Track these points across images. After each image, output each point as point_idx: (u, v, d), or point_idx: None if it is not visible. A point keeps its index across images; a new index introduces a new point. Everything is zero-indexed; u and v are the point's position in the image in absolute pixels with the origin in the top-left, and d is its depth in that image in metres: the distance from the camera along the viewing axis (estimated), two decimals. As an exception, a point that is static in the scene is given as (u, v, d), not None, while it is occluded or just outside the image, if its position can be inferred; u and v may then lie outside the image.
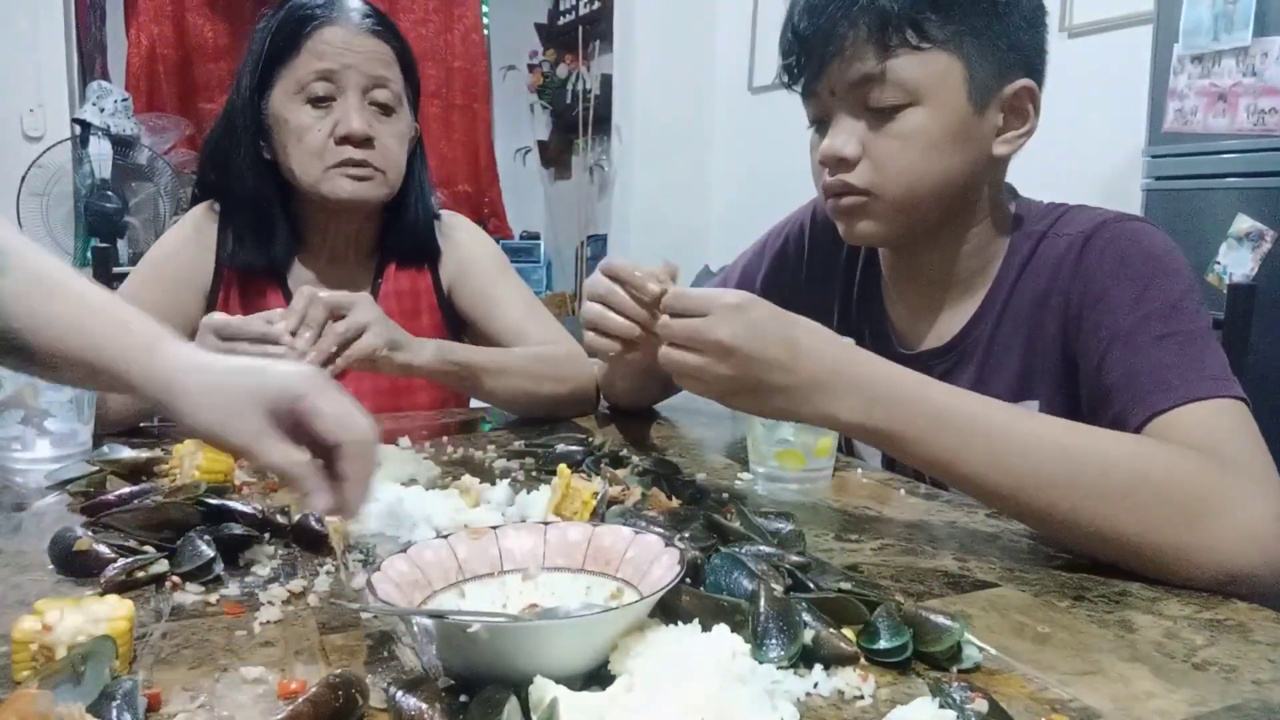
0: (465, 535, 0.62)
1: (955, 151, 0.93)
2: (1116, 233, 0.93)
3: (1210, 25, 2.03)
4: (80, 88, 3.99)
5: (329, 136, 1.25)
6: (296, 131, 1.26)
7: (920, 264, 1.04)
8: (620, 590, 0.59)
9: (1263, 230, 1.95)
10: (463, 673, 0.51)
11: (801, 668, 0.54)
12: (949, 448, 0.75)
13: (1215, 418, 0.79)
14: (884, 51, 0.90)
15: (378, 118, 1.28)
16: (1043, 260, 0.97)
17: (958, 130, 0.92)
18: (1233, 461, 0.74)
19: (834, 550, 0.77)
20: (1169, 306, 0.86)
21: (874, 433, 0.77)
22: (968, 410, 0.76)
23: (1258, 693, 0.53)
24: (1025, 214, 1.02)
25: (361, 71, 1.25)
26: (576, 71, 5.18)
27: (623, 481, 0.89)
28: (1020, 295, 0.98)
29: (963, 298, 1.03)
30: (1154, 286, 0.87)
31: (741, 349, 0.75)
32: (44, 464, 0.96)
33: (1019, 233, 1.01)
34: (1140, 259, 0.90)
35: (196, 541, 0.70)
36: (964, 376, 1.01)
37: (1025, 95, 0.95)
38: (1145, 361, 0.84)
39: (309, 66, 1.25)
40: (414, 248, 1.40)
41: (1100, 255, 0.92)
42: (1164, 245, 0.91)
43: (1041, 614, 0.64)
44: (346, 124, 1.24)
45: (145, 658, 0.55)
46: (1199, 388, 0.80)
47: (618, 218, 4.71)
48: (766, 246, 1.24)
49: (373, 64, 1.26)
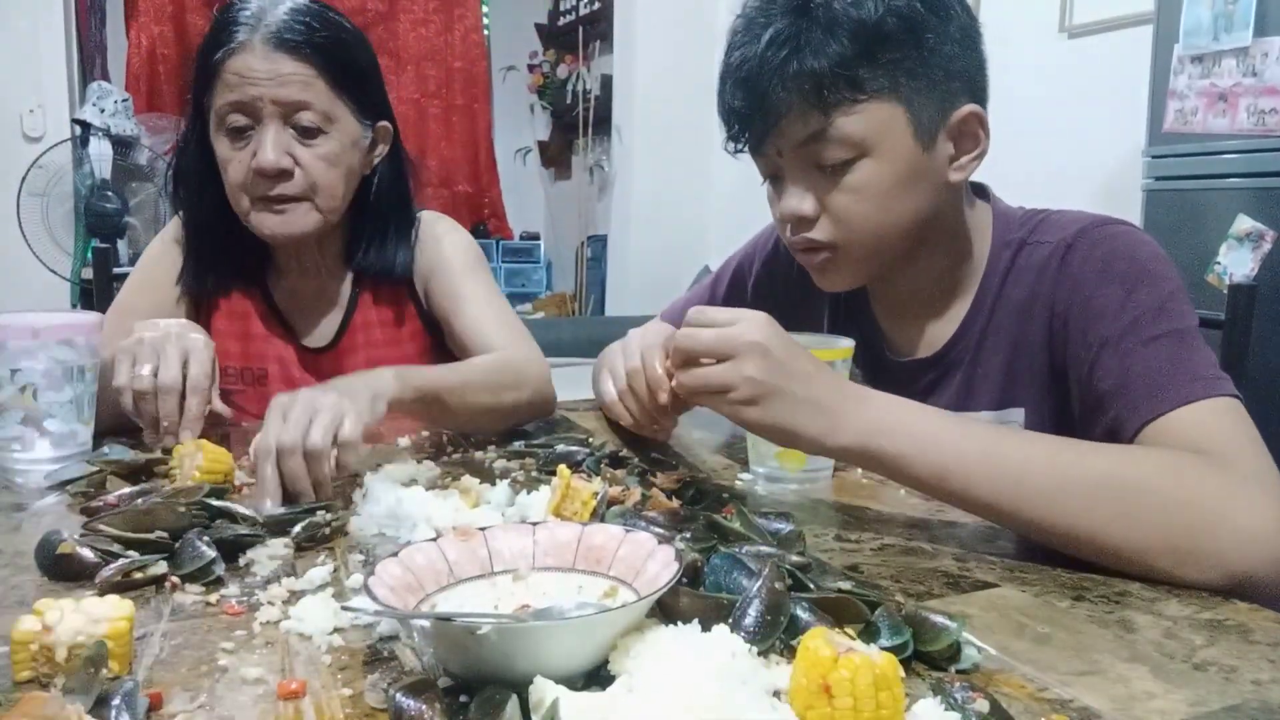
0: (454, 537, 0.62)
1: (911, 194, 0.93)
2: (1099, 238, 0.93)
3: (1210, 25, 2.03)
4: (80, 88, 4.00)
5: (249, 169, 1.19)
6: (222, 164, 1.21)
7: (897, 286, 1.05)
8: (614, 589, 0.59)
9: (1263, 230, 1.95)
10: (462, 674, 0.51)
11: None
12: (946, 470, 0.76)
13: (1211, 419, 0.79)
14: (824, 112, 0.89)
15: (299, 142, 1.19)
16: (1024, 268, 0.98)
17: (910, 174, 0.92)
18: (1232, 462, 0.74)
19: (834, 550, 0.77)
20: (1156, 309, 0.86)
21: (874, 456, 0.78)
22: (965, 435, 0.77)
23: (1257, 693, 0.53)
24: (1003, 220, 1.02)
25: (273, 99, 1.17)
26: (576, 72, 5.18)
27: (623, 482, 0.89)
28: (1004, 304, 0.99)
29: (948, 307, 1.03)
30: (1139, 290, 0.87)
31: (774, 351, 0.77)
32: (44, 464, 0.96)
33: (998, 241, 1.01)
34: (1124, 263, 0.90)
35: (197, 542, 0.69)
36: (951, 385, 1.01)
37: (973, 120, 0.94)
38: (1136, 366, 0.83)
39: (223, 98, 1.18)
40: (382, 266, 1.33)
41: (1083, 262, 0.92)
42: (1147, 248, 0.91)
43: (1041, 614, 0.64)
44: (260, 157, 1.17)
45: (145, 658, 0.55)
46: (1192, 389, 0.80)
47: (618, 218, 4.71)
48: (757, 249, 1.24)
49: (285, 89, 1.17)
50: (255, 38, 1.17)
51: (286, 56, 1.17)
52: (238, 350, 1.33)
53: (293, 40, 1.17)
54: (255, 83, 1.16)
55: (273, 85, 1.16)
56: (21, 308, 1.15)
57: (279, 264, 1.34)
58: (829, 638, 0.48)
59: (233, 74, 1.17)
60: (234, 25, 1.18)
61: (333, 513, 0.80)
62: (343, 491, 0.88)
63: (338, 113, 1.22)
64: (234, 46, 1.17)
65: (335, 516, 0.79)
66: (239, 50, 1.16)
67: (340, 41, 1.23)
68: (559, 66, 5.41)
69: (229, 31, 1.18)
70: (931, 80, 0.91)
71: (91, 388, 1.03)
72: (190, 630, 0.60)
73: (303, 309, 1.35)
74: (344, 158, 1.23)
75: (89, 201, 3.67)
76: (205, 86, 1.21)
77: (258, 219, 1.21)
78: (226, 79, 1.17)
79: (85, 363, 1.02)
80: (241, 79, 1.16)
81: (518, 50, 5.70)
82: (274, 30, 1.17)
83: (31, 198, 3.66)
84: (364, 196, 1.31)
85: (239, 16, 1.18)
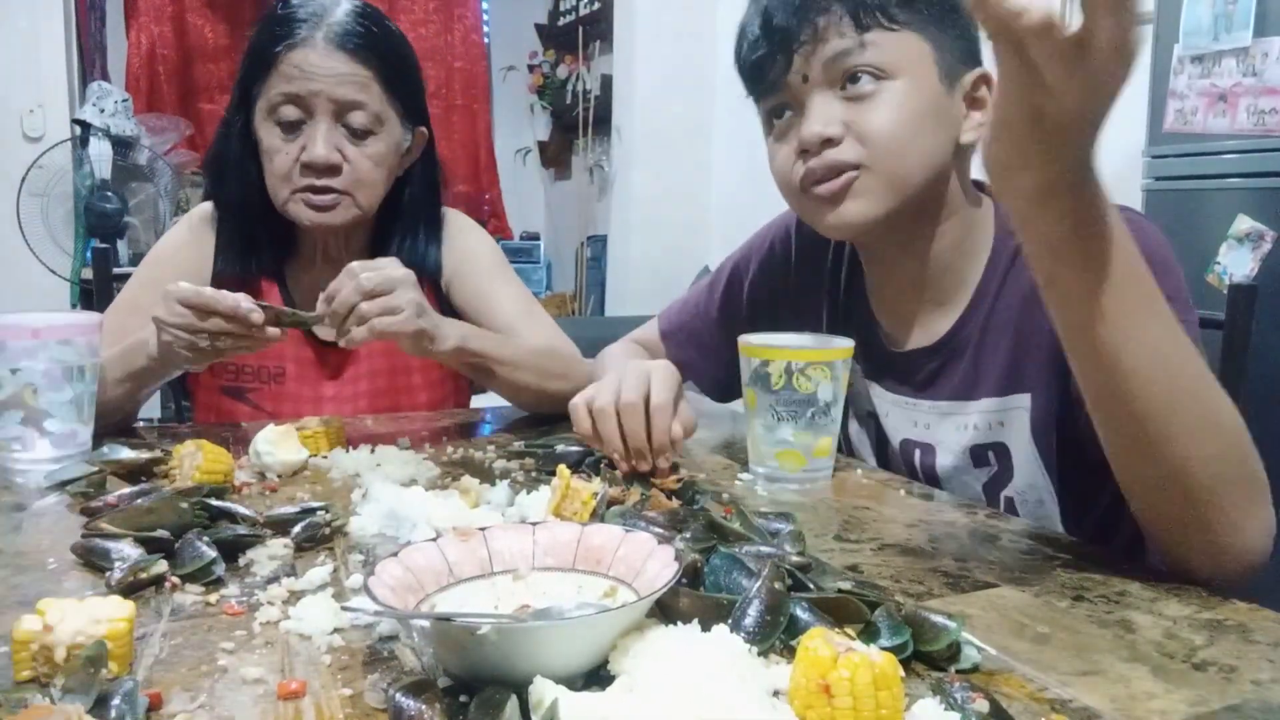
0: (454, 537, 0.62)
1: (935, 129, 0.94)
2: None
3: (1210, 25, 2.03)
4: (80, 88, 4.00)
5: (295, 161, 1.22)
6: (268, 153, 1.24)
7: (898, 266, 1.04)
8: (614, 589, 0.59)
9: (1263, 230, 1.95)
10: (462, 674, 0.51)
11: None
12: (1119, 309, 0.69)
13: None
14: (859, 30, 0.92)
15: (350, 141, 1.23)
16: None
17: (935, 107, 0.94)
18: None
19: (834, 550, 0.77)
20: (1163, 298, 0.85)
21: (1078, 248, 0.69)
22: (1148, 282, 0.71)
23: (1258, 693, 0.53)
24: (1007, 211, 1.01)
25: (330, 97, 1.21)
26: (576, 72, 5.17)
27: (622, 482, 0.89)
28: (1008, 294, 0.98)
29: (948, 298, 1.02)
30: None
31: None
32: (44, 464, 0.96)
33: (1001, 230, 1.00)
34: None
35: (196, 542, 0.70)
36: (956, 373, 1.00)
37: (983, 83, 0.96)
38: None
39: (277, 89, 1.21)
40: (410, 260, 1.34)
41: None
42: (1156, 240, 0.90)
43: (1041, 614, 0.64)
44: (310, 152, 1.21)
45: (145, 658, 0.55)
46: None
47: (618, 218, 4.71)
48: (753, 249, 1.23)
49: (344, 89, 1.21)
50: (318, 35, 1.21)
51: (347, 56, 1.22)
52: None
53: (355, 42, 1.22)
54: (313, 78, 1.20)
55: (331, 83, 1.21)
56: (21, 308, 1.15)
57: (302, 258, 1.36)
58: (829, 638, 0.48)
59: (293, 66, 1.20)
60: (296, 20, 1.22)
61: (332, 513, 0.80)
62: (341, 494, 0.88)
63: (387, 115, 1.26)
64: (295, 40, 1.20)
65: (335, 516, 0.79)
66: (301, 44, 1.20)
67: (395, 47, 1.28)
68: (559, 66, 5.40)
69: (291, 25, 1.21)
70: (952, 34, 0.94)
71: (91, 387, 1.03)
72: (190, 630, 0.60)
73: None
74: (388, 159, 1.28)
75: (89, 202, 3.67)
76: (256, 75, 1.23)
77: (296, 208, 1.25)
78: (285, 70, 1.21)
79: (85, 363, 1.02)
80: (301, 72, 1.20)
81: (518, 50, 5.70)
82: (337, 30, 1.22)
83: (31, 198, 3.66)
84: (392, 196, 1.34)
85: (300, 12, 1.22)
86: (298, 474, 0.99)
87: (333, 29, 1.21)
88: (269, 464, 0.97)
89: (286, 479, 0.97)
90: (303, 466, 1.00)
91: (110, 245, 3.35)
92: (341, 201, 1.25)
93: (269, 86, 1.22)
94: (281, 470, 0.97)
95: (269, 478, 0.96)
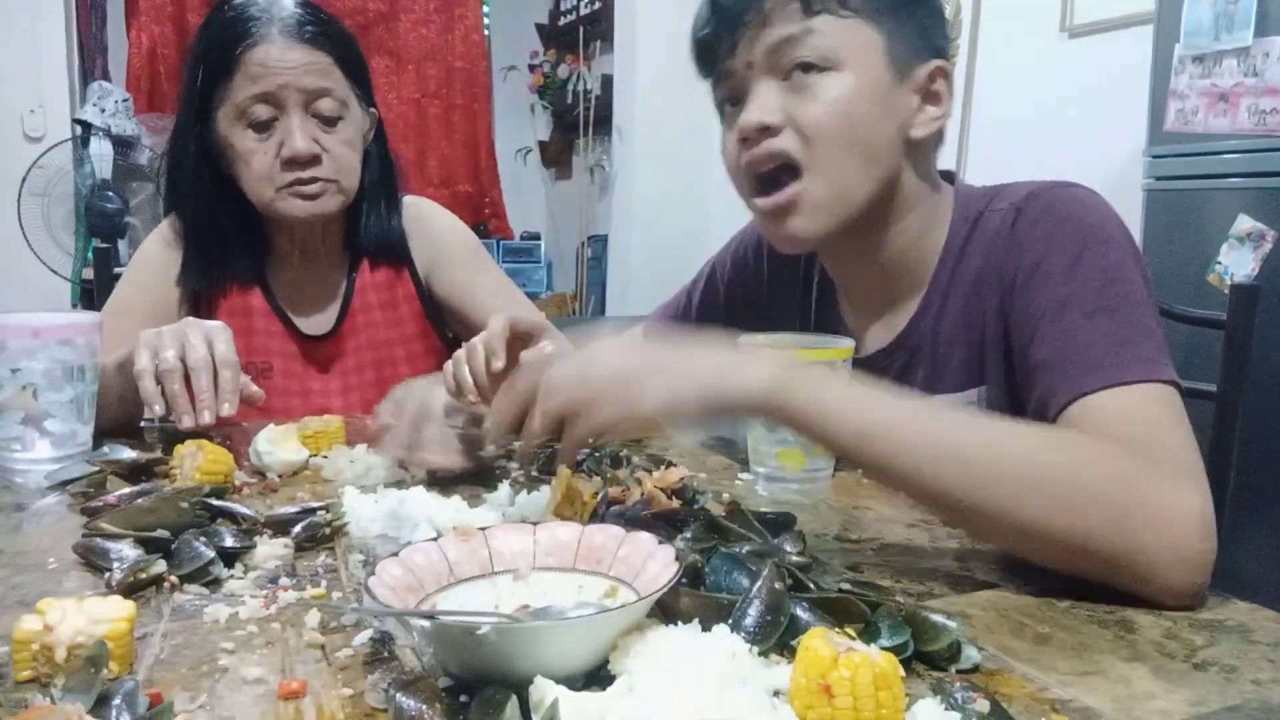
0: (455, 537, 0.62)
1: (879, 121, 0.90)
2: (1050, 200, 0.89)
3: (1211, 25, 2.03)
4: (81, 88, 4.00)
5: (275, 159, 1.23)
6: (244, 156, 1.24)
7: (858, 269, 1.02)
8: (614, 588, 0.59)
9: (1264, 230, 1.94)
10: (462, 674, 0.51)
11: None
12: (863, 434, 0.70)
13: (1143, 405, 0.74)
14: (807, 14, 0.89)
15: (323, 129, 1.25)
16: (979, 239, 0.94)
17: (879, 101, 0.90)
18: (1158, 455, 0.70)
19: (834, 550, 0.77)
20: (1103, 278, 0.81)
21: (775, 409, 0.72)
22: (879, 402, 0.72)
23: (1258, 693, 0.53)
24: (965, 198, 0.98)
25: (299, 88, 1.22)
26: (577, 72, 5.18)
27: (622, 482, 0.89)
28: (960, 279, 0.95)
29: (908, 294, 0.99)
30: (1088, 255, 0.83)
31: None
32: (44, 464, 0.97)
33: (958, 217, 0.97)
34: (1074, 227, 0.85)
35: (195, 542, 0.69)
36: (918, 372, 0.98)
37: (938, 75, 0.93)
38: (1075, 338, 0.79)
39: (245, 91, 1.21)
40: (381, 242, 1.38)
41: (1033, 225, 0.88)
42: (1099, 211, 0.87)
43: (1041, 614, 0.64)
44: (291, 146, 1.22)
45: (145, 658, 0.55)
46: (1128, 370, 0.75)
47: (618, 218, 4.71)
48: (730, 253, 1.23)
49: (310, 77, 1.22)
50: (273, 30, 1.21)
51: (306, 46, 1.23)
52: (241, 346, 1.32)
53: (310, 31, 1.23)
54: (279, 72, 1.20)
55: (298, 74, 1.21)
56: (21, 308, 1.15)
57: (279, 256, 1.37)
58: (829, 638, 0.48)
59: (255, 65, 1.20)
60: (246, 19, 1.22)
61: (332, 513, 0.80)
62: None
63: (349, 99, 1.28)
64: (254, 39, 1.21)
65: (335, 516, 0.79)
66: (260, 41, 1.21)
67: (344, 33, 1.30)
68: (559, 66, 5.40)
69: (243, 25, 1.21)
70: (906, 26, 0.91)
71: (92, 388, 1.03)
72: (190, 630, 0.60)
73: (303, 299, 1.38)
74: (357, 141, 1.30)
75: (90, 201, 3.67)
76: (216, 81, 1.23)
77: (286, 204, 1.25)
78: (249, 70, 1.21)
79: (85, 363, 1.02)
80: (266, 69, 1.20)
81: (518, 50, 5.69)
82: (290, 23, 1.22)
83: (32, 198, 3.66)
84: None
85: (249, 11, 1.22)
86: (298, 474, 0.99)
87: (286, 22, 1.22)
88: (269, 464, 0.97)
89: (286, 479, 0.97)
90: (303, 466, 1.00)
91: (111, 245, 3.36)
92: (328, 189, 1.26)
93: (234, 90, 1.22)
94: (281, 470, 0.97)
95: (269, 478, 0.96)
